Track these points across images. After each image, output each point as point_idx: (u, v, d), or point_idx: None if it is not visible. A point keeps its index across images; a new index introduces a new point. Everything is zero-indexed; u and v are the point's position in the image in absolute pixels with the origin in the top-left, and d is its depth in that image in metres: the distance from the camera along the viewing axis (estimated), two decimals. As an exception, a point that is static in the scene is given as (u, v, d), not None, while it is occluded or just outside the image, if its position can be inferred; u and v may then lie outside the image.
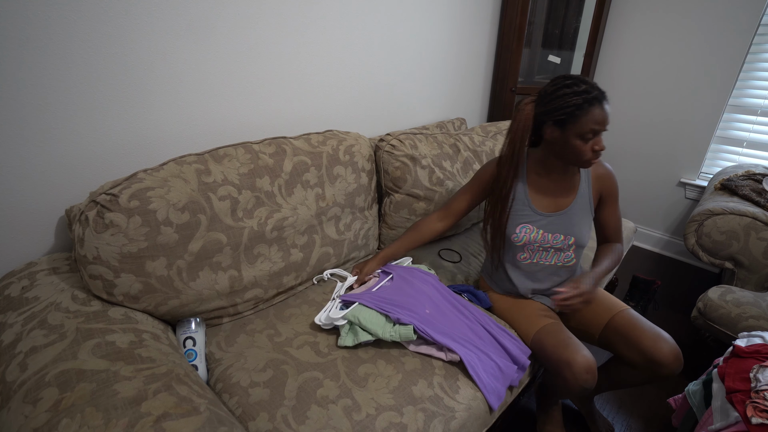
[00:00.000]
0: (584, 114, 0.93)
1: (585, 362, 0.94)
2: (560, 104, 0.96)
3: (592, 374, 0.94)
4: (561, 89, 0.96)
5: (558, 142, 1.00)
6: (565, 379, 0.96)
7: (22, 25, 0.84)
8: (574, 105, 0.93)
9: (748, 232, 1.44)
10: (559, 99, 0.96)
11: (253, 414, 0.82)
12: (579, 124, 0.94)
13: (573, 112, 0.94)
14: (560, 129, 0.98)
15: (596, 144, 0.97)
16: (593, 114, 0.93)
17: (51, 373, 0.66)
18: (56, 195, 0.99)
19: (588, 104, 0.93)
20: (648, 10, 2.07)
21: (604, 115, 0.94)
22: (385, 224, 1.45)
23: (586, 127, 0.94)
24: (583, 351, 0.96)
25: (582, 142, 0.96)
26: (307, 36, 1.35)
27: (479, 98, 2.25)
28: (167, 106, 1.11)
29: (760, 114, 1.94)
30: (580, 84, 0.94)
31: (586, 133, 0.95)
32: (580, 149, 0.97)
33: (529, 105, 1.01)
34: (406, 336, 0.97)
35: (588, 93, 0.93)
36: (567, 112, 0.95)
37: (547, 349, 1.01)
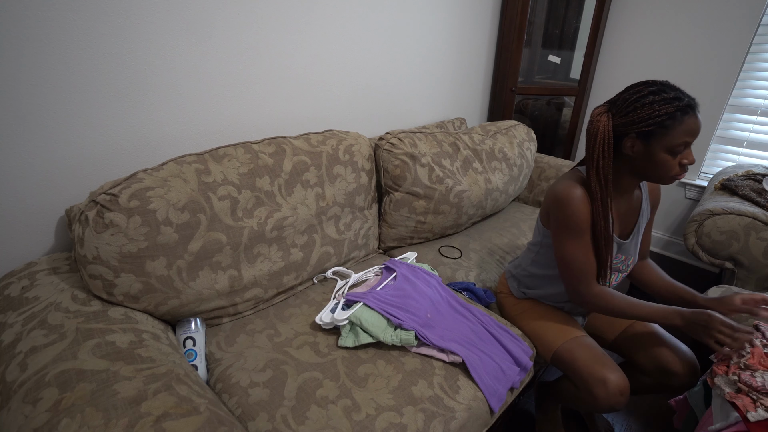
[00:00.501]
0: (678, 124, 0.81)
1: (621, 383, 0.91)
2: (648, 113, 0.83)
3: (626, 396, 0.91)
4: (646, 96, 0.84)
5: (640, 158, 0.87)
6: (595, 397, 0.92)
7: (22, 25, 0.84)
8: (666, 114, 0.82)
9: (748, 232, 1.44)
10: (646, 107, 0.83)
11: (252, 414, 0.82)
12: (671, 135, 0.82)
13: (663, 122, 0.82)
14: (645, 142, 0.85)
15: (686, 157, 0.85)
16: (687, 124, 0.81)
17: (51, 373, 0.66)
18: (56, 195, 0.99)
19: (681, 113, 0.81)
20: (648, 10, 2.07)
21: (699, 124, 0.83)
22: (385, 223, 1.45)
23: (678, 139, 0.82)
24: (618, 371, 0.93)
25: (671, 156, 0.85)
26: (307, 36, 1.35)
27: (479, 98, 2.25)
28: (167, 106, 1.11)
29: (760, 114, 1.94)
30: (668, 90, 0.83)
31: (677, 146, 0.83)
32: (668, 164, 0.85)
33: (604, 116, 0.89)
34: (407, 341, 0.98)
35: (680, 100, 0.82)
36: (657, 122, 0.82)
37: (579, 362, 0.96)
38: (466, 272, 1.36)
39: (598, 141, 0.88)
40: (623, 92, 0.89)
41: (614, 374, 0.91)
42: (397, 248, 1.50)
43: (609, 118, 0.88)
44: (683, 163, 0.86)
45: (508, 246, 1.53)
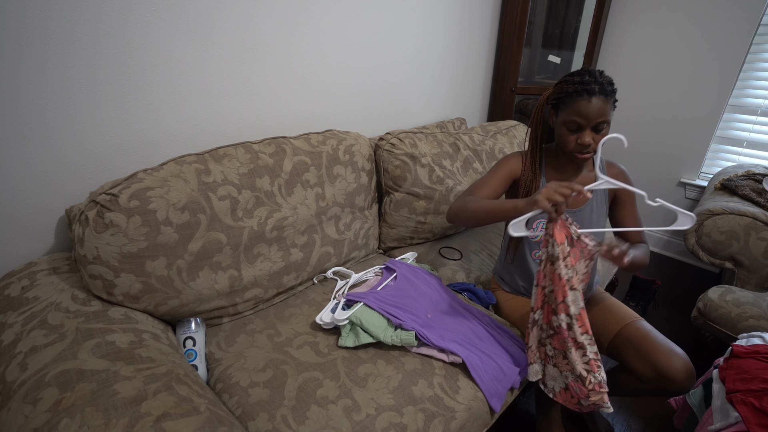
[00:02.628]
0: (572, 102, 0.92)
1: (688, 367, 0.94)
2: (558, 88, 0.96)
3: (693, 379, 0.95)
4: (568, 75, 0.96)
5: (555, 129, 1.00)
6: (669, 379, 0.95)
7: (22, 25, 0.84)
8: (565, 92, 0.93)
9: (748, 232, 1.44)
10: (561, 84, 0.96)
11: (253, 414, 0.82)
12: (564, 112, 0.94)
13: (563, 98, 0.94)
14: (555, 114, 0.99)
15: (580, 138, 0.94)
16: (579, 104, 0.91)
17: (51, 373, 0.66)
18: (56, 195, 0.99)
19: (577, 94, 0.91)
20: (648, 10, 2.07)
21: (590, 109, 0.90)
22: (385, 223, 1.45)
23: (568, 116, 0.93)
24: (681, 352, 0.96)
25: (567, 131, 0.95)
26: (307, 36, 1.35)
27: (479, 98, 2.25)
28: (167, 106, 1.11)
29: (760, 114, 1.94)
30: (584, 75, 0.92)
31: (569, 123, 0.94)
32: (565, 139, 0.96)
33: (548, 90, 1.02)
34: (407, 342, 0.98)
35: (584, 84, 0.91)
36: (558, 97, 0.96)
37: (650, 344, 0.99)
38: (467, 273, 1.36)
39: (535, 110, 1.06)
40: None
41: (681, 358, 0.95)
42: (397, 248, 1.50)
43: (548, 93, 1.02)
44: (577, 141, 0.95)
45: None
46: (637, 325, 1.05)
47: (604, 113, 0.91)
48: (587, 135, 0.93)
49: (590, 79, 0.91)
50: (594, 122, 0.92)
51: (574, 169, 1.07)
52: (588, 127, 0.93)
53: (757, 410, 0.83)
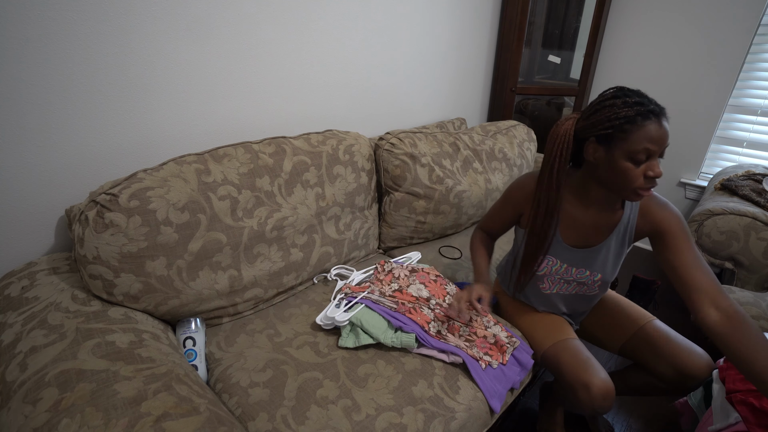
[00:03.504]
0: (637, 128, 0.77)
1: (603, 387, 0.89)
2: (607, 115, 0.79)
3: (610, 401, 0.90)
4: (609, 99, 0.81)
5: (602, 165, 0.83)
6: (579, 400, 0.92)
7: (22, 25, 0.84)
8: (625, 117, 0.77)
9: (748, 232, 1.44)
10: (606, 110, 0.80)
11: (252, 414, 0.82)
12: (630, 140, 0.77)
13: (622, 125, 0.78)
14: (605, 147, 0.81)
15: (651, 169, 0.78)
16: (648, 129, 0.76)
17: (51, 373, 0.66)
18: (56, 195, 0.99)
19: (642, 117, 0.76)
20: (648, 10, 2.07)
21: (663, 132, 0.77)
22: (385, 223, 1.45)
23: (638, 145, 0.77)
24: (602, 374, 0.91)
25: (632, 164, 0.79)
26: (307, 36, 1.35)
27: (479, 98, 2.25)
28: (167, 106, 1.11)
29: (760, 114, 1.94)
30: (632, 95, 0.79)
31: (637, 153, 0.77)
32: (630, 174, 0.79)
33: (570, 120, 0.86)
34: (407, 344, 0.97)
35: (642, 105, 0.77)
36: (614, 125, 0.78)
37: (564, 366, 0.96)
38: (467, 273, 1.36)
39: (557, 144, 0.86)
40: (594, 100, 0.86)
41: (597, 378, 0.89)
42: (397, 248, 1.50)
43: (573, 122, 0.86)
44: (648, 174, 0.79)
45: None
46: (654, 326, 1.04)
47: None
48: (657, 164, 0.79)
49: (643, 99, 0.79)
50: (664, 147, 0.79)
51: (599, 209, 0.93)
52: (658, 153, 0.79)
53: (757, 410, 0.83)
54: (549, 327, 1.07)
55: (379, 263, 1.23)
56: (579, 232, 0.97)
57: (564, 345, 1.00)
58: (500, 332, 1.05)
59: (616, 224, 0.95)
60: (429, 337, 0.98)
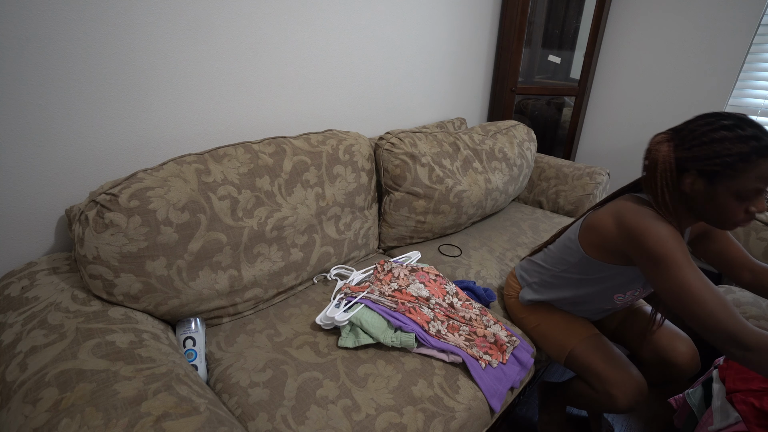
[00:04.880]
0: (752, 167, 0.70)
1: (639, 383, 0.89)
2: (716, 150, 0.72)
3: (645, 396, 0.90)
4: (717, 131, 0.72)
5: (699, 198, 0.77)
6: (614, 397, 0.90)
7: (22, 25, 0.84)
8: (738, 154, 0.70)
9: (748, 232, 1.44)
10: (715, 144, 0.72)
11: (252, 414, 0.82)
12: (741, 179, 0.71)
13: (734, 163, 0.70)
14: (708, 182, 0.74)
15: (755, 205, 0.73)
16: (763, 168, 0.69)
17: (51, 373, 0.66)
18: (56, 195, 0.99)
19: (757, 155, 0.69)
20: (648, 10, 2.07)
21: None
22: (385, 223, 1.45)
23: (750, 185, 0.71)
24: (635, 370, 0.91)
25: (738, 202, 0.73)
26: (307, 36, 1.35)
27: (479, 98, 2.25)
28: (167, 106, 1.11)
29: (760, 114, 1.94)
30: (745, 126, 0.71)
31: (747, 192, 0.71)
32: (732, 211, 0.74)
33: (665, 145, 0.79)
34: (407, 344, 0.98)
35: (758, 140, 0.70)
36: (726, 163, 0.71)
37: (596, 365, 0.94)
38: (466, 270, 1.36)
39: (659, 172, 0.79)
40: (692, 121, 0.78)
41: (632, 374, 0.90)
42: (397, 248, 1.50)
43: (671, 148, 0.78)
44: (751, 210, 0.74)
45: (508, 243, 1.53)
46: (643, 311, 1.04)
47: None
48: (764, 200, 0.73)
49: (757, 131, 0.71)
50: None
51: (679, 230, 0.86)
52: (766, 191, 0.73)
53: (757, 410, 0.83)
54: (571, 325, 1.04)
55: (378, 263, 1.23)
56: None
57: (593, 342, 0.98)
58: (500, 331, 1.05)
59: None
60: (429, 337, 0.98)
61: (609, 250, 0.88)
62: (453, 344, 0.98)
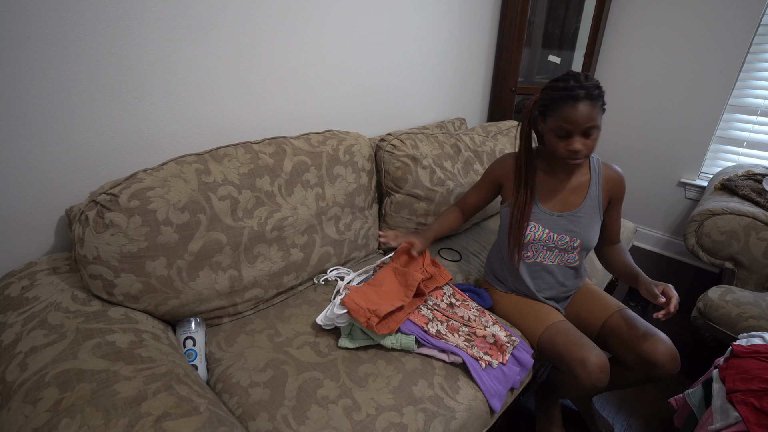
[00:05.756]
0: (559, 109, 0.90)
1: (599, 361, 0.93)
2: (544, 95, 0.95)
3: (606, 373, 0.94)
4: (553, 81, 0.94)
5: (544, 135, 0.99)
6: (578, 378, 0.94)
7: (22, 25, 0.84)
8: (551, 99, 0.92)
9: (748, 232, 1.44)
10: (547, 90, 0.95)
11: (253, 414, 0.82)
12: (552, 118, 0.93)
13: (549, 105, 0.93)
14: (543, 120, 0.97)
15: (569, 144, 0.93)
16: (566, 111, 0.89)
17: (51, 373, 0.66)
18: (56, 195, 0.99)
19: (563, 101, 0.89)
20: (648, 10, 2.07)
21: (578, 115, 0.88)
22: (385, 224, 1.45)
23: (555, 123, 0.92)
24: (596, 350, 0.95)
25: (556, 138, 0.94)
26: (308, 36, 1.35)
27: (479, 98, 2.25)
28: (167, 106, 1.11)
29: (760, 114, 1.94)
30: (569, 79, 0.90)
31: (557, 130, 0.92)
32: (554, 146, 0.95)
33: (535, 97, 1.01)
34: (407, 345, 0.98)
35: (570, 89, 0.89)
36: (544, 105, 0.94)
37: (559, 347, 0.99)
38: (465, 275, 1.36)
39: (522, 116, 1.04)
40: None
41: (592, 353, 0.94)
42: (397, 248, 1.50)
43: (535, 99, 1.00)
44: (567, 148, 0.93)
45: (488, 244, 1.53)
46: (619, 314, 1.07)
47: (592, 118, 0.89)
48: (577, 141, 0.92)
49: (575, 84, 0.89)
50: (583, 128, 0.90)
51: (565, 173, 1.07)
52: (577, 133, 0.91)
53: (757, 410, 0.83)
54: (539, 312, 1.10)
55: (378, 265, 1.23)
56: (555, 196, 1.08)
57: (556, 327, 1.04)
58: (499, 332, 1.05)
59: (587, 187, 1.07)
60: (429, 337, 0.98)
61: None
62: (453, 344, 0.98)
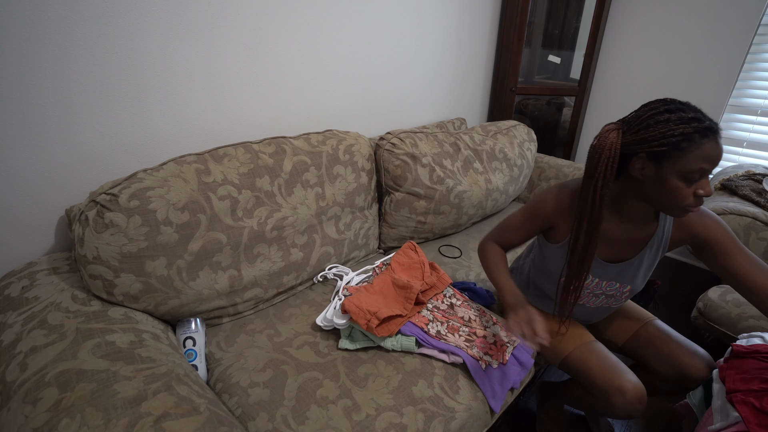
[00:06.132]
0: (695, 147, 0.72)
1: (638, 391, 0.89)
2: (661, 131, 0.74)
3: (644, 403, 0.90)
4: (662, 113, 0.76)
5: (650, 182, 0.79)
6: (613, 405, 0.90)
7: (22, 25, 0.84)
8: (682, 134, 0.73)
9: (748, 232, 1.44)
10: (660, 125, 0.75)
11: (253, 414, 0.82)
12: (686, 159, 0.73)
13: (679, 143, 0.73)
14: (656, 164, 0.77)
15: (702, 187, 0.76)
16: (706, 148, 0.72)
17: (51, 373, 0.66)
18: (56, 195, 0.99)
19: (700, 135, 0.72)
20: (648, 10, 2.07)
21: (719, 151, 0.73)
22: (385, 223, 1.45)
23: (694, 165, 0.73)
24: (633, 377, 0.91)
25: (684, 183, 0.76)
26: (308, 36, 1.35)
27: (479, 98, 2.25)
28: (167, 106, 1.11)
29: (760, 114, 1.94)
30: (687, 110, 0.74)
31: (692, 173, 0.74)
32: (681, 193, 0.76)
33: (614, 132, 0.79)
34: (407, 347, 0.98)
35: (699, 121, 0.73)
36: (670, 143, 0.73)
37: (593, 370, 0.94)
38: (467, 271, 1.36)
39: (602, 159, 0.79)
40: (638, 109, 0.81)
41: (631, 382, 0.89)
42: (397, 248, 1.50)
43: (619, 135, 0.79)
44: (698, 193, 0.76)
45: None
46: (655, 325, 1.05)
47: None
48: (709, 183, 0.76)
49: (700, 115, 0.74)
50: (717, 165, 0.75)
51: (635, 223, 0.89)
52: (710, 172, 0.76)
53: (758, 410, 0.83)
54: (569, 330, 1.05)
55: (377, 266, 1.23)
56: (613, 246, 0.93)
57: (589, 349, 0.98)
58: (500, 332, 1.05)
59: (650, 237, 0.92)
60: (430, 338, 0.98)
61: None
62: (453, 345, 0.98)
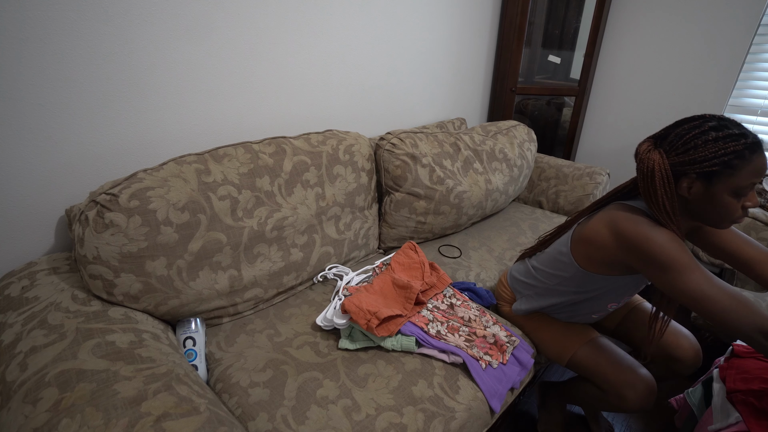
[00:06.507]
0: (746, 163, 0.73)
1: (649, 384, 0.90)
2: (712, 151, 0.74)
3: (655, 395, 0.91)
4: (707, 132, 0.75)
5: (699, 200, 0.79)
6: (625, 399, 0.91)
7: (22, 25, 0.84)
8: (734, 152, 0.73)
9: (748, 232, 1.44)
10: (710, 145, 0.74)
11: (252, 414, 0.82)
12: (738, 176, 0.74)
13: (731, 161, 0.73)
14: (706, 183, 0.76)
15: (750, 200, 0.77)
16: (756, 163, 0.73)
17: (51, 373, 0.66)
18: (56, 195, 0.99)
19: (750, 151, 0.73)
20: (648, 10, 2.07)
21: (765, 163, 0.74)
22: (385, 223, 1.45)
23: (746, 180, 0.74)
24: (643, 371, 0.92)
25: (735, 199, 0.76)
26: (307, 36, 1.35)
27: (479, 98, 2.25)
28: (167, 106, 1.11)
29: (760, 114, 1.94)
30: (731, 126, 0.75)
31: (744, 188, 0.75)
32: (731, 208, 0.76)
33: (655, 153, 0.79)
34: (407, 347, 0.98)
35: (746, 137, 0.74)
36: (722, 162, 0.73)
37: (603, 366, 0.95)
38: (466, 272, 1.36)
39: (658, 181, 0.78)
40: (675, 127, 0.80)
41: (642, 375, 0.91)
42: (397, 248, 1.50)
43: (662, 155, 0.79)
44: (746, 205, 0.77)
45: (508, 243, 1.53)
46: (643, 308, 1.06)
47: None
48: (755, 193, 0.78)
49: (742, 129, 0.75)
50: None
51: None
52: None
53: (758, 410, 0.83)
54: (573, 327, 1.05)
55: (377, 266, 1.23)
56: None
57: (597, 345, 0.99)
58: (500, 332, 1.05)
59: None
60: (429, 338, 0.98)
61: (607, 262, 0.88)
62: (453, 345, 0.98)
